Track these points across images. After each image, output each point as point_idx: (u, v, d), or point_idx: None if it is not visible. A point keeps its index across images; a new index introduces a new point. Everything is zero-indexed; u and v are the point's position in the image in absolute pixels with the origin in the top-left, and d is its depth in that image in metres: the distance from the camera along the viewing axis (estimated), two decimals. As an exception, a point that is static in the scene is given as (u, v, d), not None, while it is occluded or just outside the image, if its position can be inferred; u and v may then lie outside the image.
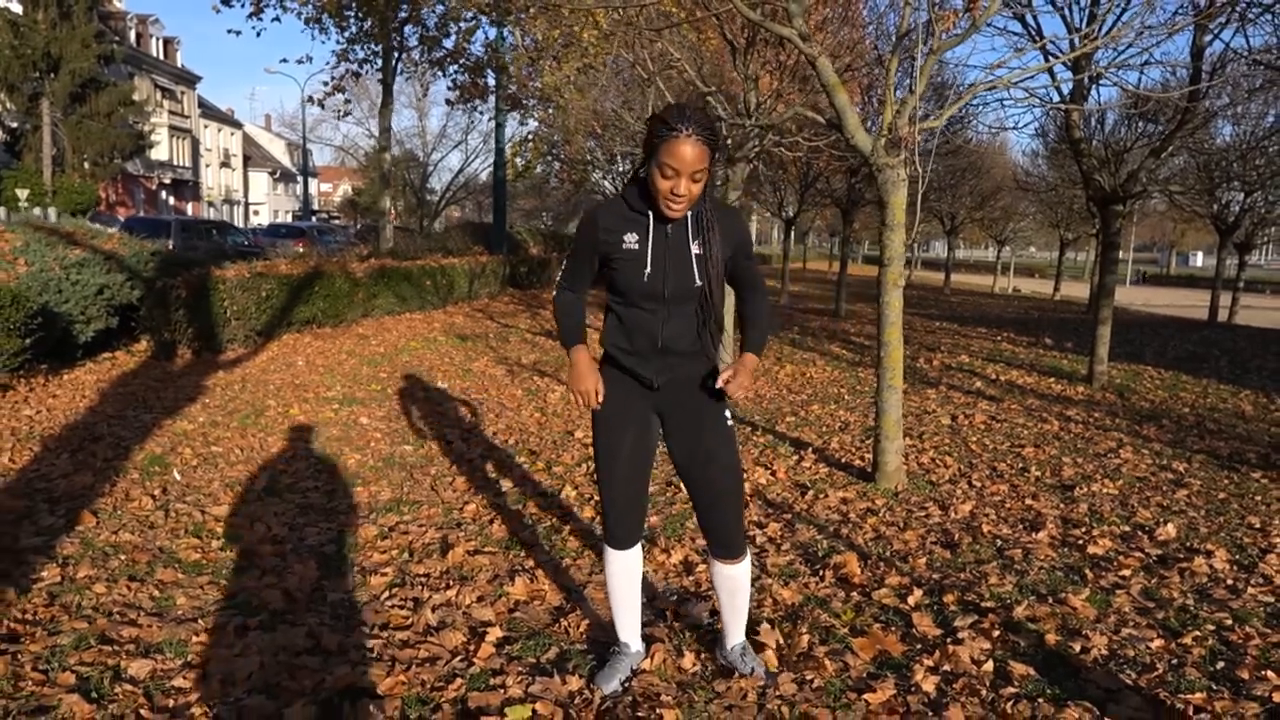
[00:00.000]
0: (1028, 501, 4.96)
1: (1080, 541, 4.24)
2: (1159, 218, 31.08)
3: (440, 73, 17.68)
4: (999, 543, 4.22)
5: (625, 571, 2.63)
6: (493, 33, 16.61)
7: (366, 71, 15.34)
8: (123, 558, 3.52)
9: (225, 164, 51.65)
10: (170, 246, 14.46)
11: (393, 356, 9.63)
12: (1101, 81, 8.70)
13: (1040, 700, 2.66)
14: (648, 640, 2.87)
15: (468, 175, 38.82)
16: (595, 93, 15.32)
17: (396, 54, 15.58)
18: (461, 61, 15.50)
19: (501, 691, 2.57)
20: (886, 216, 5.10)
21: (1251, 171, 10.73)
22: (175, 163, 44.32)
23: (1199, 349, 13.65)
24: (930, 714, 2.57)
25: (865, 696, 2.63)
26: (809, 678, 2.74)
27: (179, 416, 6.22)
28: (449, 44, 15.44)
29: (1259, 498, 5.21)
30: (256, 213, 52.63)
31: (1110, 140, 9.85)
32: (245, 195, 53.88)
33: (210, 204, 46.23)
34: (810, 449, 6.07)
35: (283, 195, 59.39)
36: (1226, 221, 17.90)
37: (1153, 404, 8.46)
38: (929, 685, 2.73)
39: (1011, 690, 2.72)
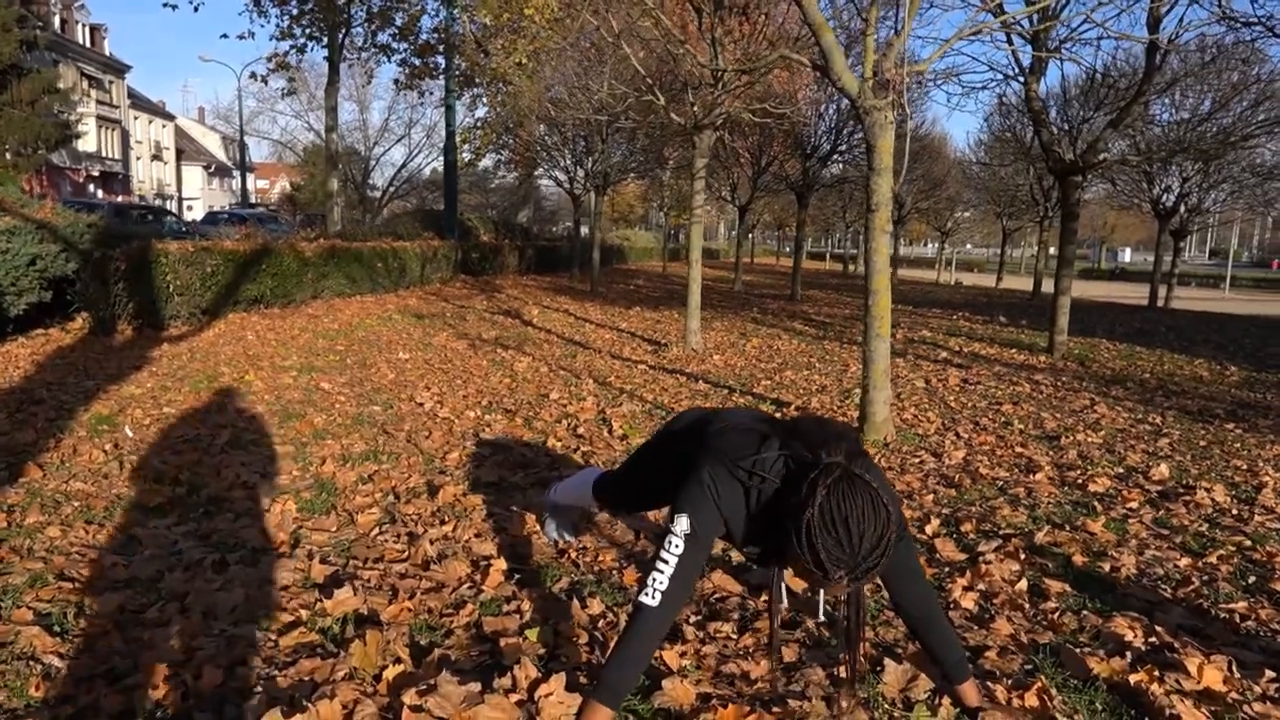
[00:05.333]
0: (1017, 449, 4.89)
1: (1079, 481, 4.17)
2: (1096, 208, 31.89)
3: (386, 58, 17.24)
4: (999, 483, 4.13)
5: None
6: (442, 14, 16.25)
7: (311, 48, 14.84)
8: (76, 504, 3.20)
9: (157, 157, 49.76)
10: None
11: (348, 332, 9.26)
12: (1063, 51, 8.76)
13: (1085, 612, 2.53)
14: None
15: (411, 170, 38.04)
16: (548, 72, 15.07)
17: (343, 30, 15.10)
18: (411, 40, 15.09)
19: (518, 616, 2.35)
20: (873, 160, 4.98)
21: (1200, 143, 10.99)
22: (104, 155, 42.51)
23: (1146, 326, 13.96)
24: (976, 628, 2.43)
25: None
26: (831, 599, 2.57)
27: (125, 382, 5.82)
28: (397, 20, 15.01)
29: (1238, 445, 5.24)
30: (190, 208, 50.81)
31: (1068, 113, 9.95)
32: (179, 189, 51.98)
33: (141, 197, 44.46)
34: (791, 407, 5.94)
35: (218, 190, 57.50)
36: (1166, 206, 18.37)
37: (1114, 370, 8.56)
38: (968, 602, 2.59)
39: (1051, 605, 2.59)
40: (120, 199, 37.56)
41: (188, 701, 1.88)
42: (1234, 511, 3.74)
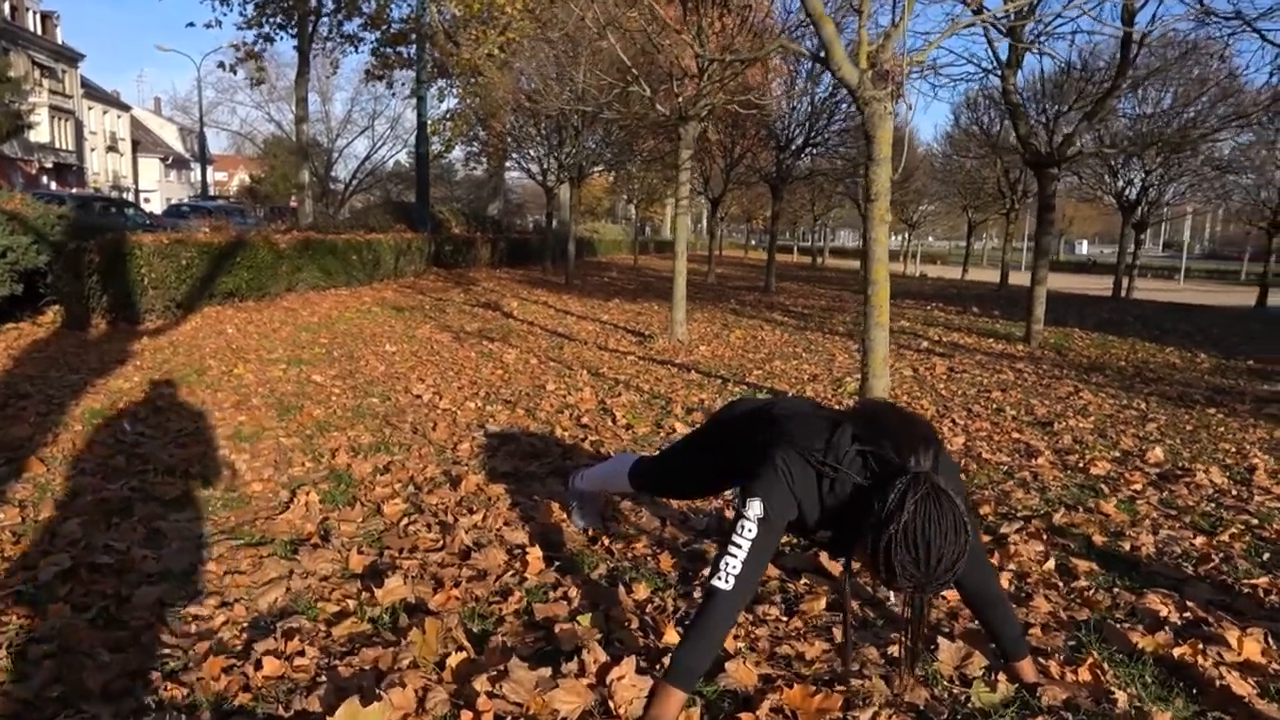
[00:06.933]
0: (1014, 435, 4.98)
1: (1080, 464, 4.26)
2: (1056, 200, 32.48)
3: (353, 48, 16.97)
4: (1004, 467, 4.20)
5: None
6: (412, 2, 16.03)
7: (281, 37, 14.56)
8: (90, 498, 3.12)
9: (112, 148, 48.56)
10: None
11: (329, 325, 9.13)
12: (1039, 49, 8.91)
13: (1117, 589, 2.59)
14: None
15: (375, 163, 37.53)
16: (521, 63, 14.96)
17: (313, 19, 14.83)
18: (383, 30, 14.87)
19: (566, 603, 2.35)
20: (872, 151, 5.02)
21: (1171, 136, 11.24)
22: (57, 146, 41.43)
23: (1114, 316, 14.28)
24: (1016, 606, 2.46)
25: (945, 595, 2.51)
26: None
27: (111, 376, 5.68)
28: (367, 9, 14.78)
29: (1221, 429, 5.38)
30: (147, 200, 49.63)
31: (1045, 106, 10.12)
32: (135, 181, 50.75)
33: (96, 189, 43.37)
34: (789, 395, 5.98)
35: (175, 183, 56.24)
36: (1129, 199, 18.75)
37: (1090, 358, 8.74)
38: (1003, 581, 2.63)
39: (1082, 583, 2.65)
40: (75, 191, 36.62)
41: (250, 693, 1.85)
42: (1233, 492, 3.84)
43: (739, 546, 1.79)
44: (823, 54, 5.06)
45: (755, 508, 1.80)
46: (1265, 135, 17.88)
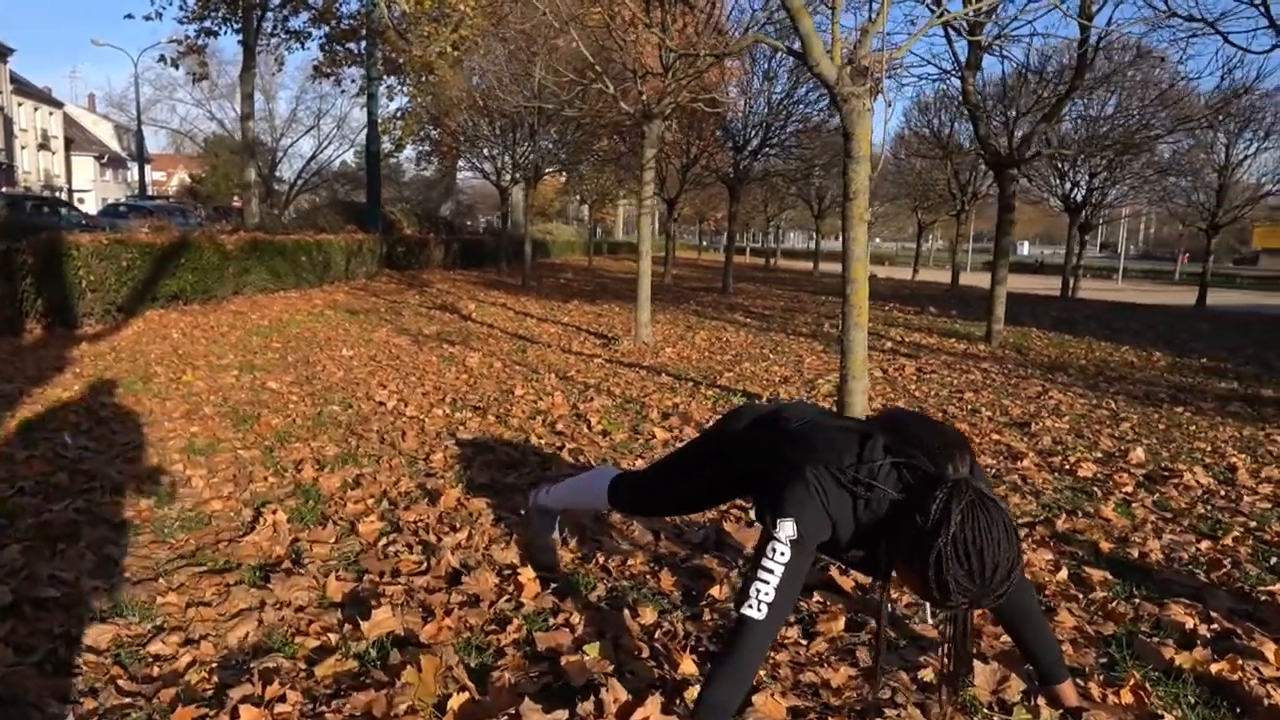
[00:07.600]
0: (994, 437, 4.92)
1: (1066, 466, 4.20)
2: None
3: (300, 44, 16.47)
4: (991, 470, 4.12)
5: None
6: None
7: (224, 31, 14.04)
8: (30, 521, 2.84)
9: (44, 146, 46.68)
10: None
11: (281, 329, 8.78)
12: (999, 49, 8.95)
13: (1138, 600, 2.50)
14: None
15: (321, 162, 36.68)
16: (474, 61, 14.69)
17: (259, 12, 14.34)
18: (332, 25, 14.45)
19: (568, 631, 2.16)
20: (851, 148, 4.92)
21: (1125, 137, 11.45)
22: (-17, 144, 39.77)
23: (1066, 315, 14.51)
24: (1038, 621, 2.36)
25: (964, 609, 2.39)
26: (895, 596, 2.48)
27: (49, 385, 5.32)
28: (315, 3, 14.33)
29: (1193, 428, 5.40)
30: (82, 200, 47.85)
31: (1005, 108, 10.20)
32: (68, 181, 48.90)
33: (27, 189, 41.69)
34: (764, 399, 5.86)
35: (111, 182, 54.29)
36: (1076, 201, 19.11)
37: (1051, 358, 8.81)
38: (1020, 594, 2.52)
39: (1099, 594, 2.55)
40: (5, 190, 35.07)
41: (226, 747, 1.64)
42: (1221, 493, 3.81)
43: (771, 571, 1.63)
44: (799, 48, 4.95)
45: (787, 528, 1.65)
46: (1204, 139, 18.43)
